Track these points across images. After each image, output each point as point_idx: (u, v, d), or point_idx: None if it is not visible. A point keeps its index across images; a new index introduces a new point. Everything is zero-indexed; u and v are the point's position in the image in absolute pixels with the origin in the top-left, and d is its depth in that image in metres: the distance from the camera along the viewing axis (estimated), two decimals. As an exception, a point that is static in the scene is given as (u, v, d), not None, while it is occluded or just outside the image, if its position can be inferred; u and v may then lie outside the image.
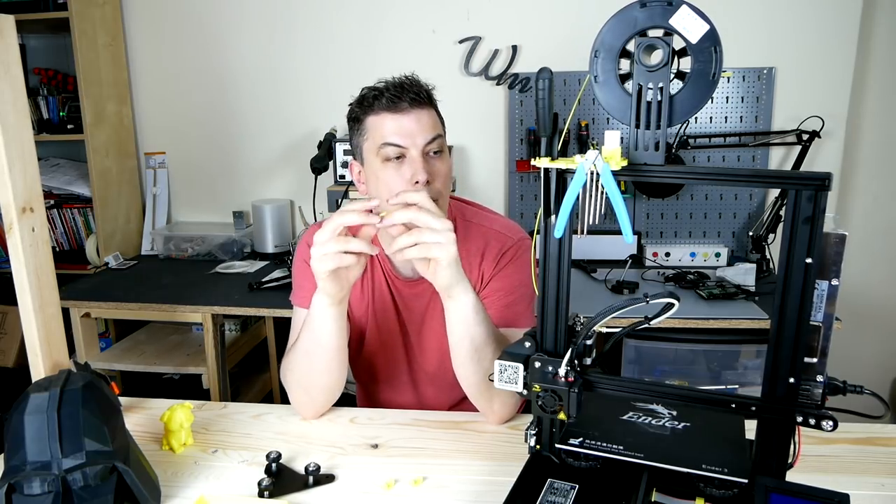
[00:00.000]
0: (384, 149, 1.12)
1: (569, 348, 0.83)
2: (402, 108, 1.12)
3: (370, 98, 1.14)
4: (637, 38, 0.76)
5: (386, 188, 1.13)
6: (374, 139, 1.14)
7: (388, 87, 1.13)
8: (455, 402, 1.31)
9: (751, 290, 2.11)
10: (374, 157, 1.14)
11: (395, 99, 1.12)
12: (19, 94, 1.03)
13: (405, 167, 1.12)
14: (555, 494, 0.84)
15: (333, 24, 2.60)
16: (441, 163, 1.16)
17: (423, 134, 1.13)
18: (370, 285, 1.27)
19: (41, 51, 2.77)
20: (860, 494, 0.92)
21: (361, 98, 1.17)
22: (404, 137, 1.12)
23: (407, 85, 1.14)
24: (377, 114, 1.13)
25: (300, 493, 0.97)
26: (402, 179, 1.12)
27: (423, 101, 1.14)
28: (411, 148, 1.12)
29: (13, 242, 1.04)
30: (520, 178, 2.60)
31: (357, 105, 1.17)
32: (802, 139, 2.32)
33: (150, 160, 2.82)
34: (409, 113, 1.12)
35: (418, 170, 1.11)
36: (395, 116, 1.12)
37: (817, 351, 0.75)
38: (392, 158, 1.13)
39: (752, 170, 1.74)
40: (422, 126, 1.13)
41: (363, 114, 1.16)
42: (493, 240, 1.25)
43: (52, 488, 0.84)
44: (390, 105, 1.12)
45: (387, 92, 1.13)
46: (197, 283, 2.31)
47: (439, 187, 1.15)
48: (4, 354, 2.70)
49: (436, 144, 1.15)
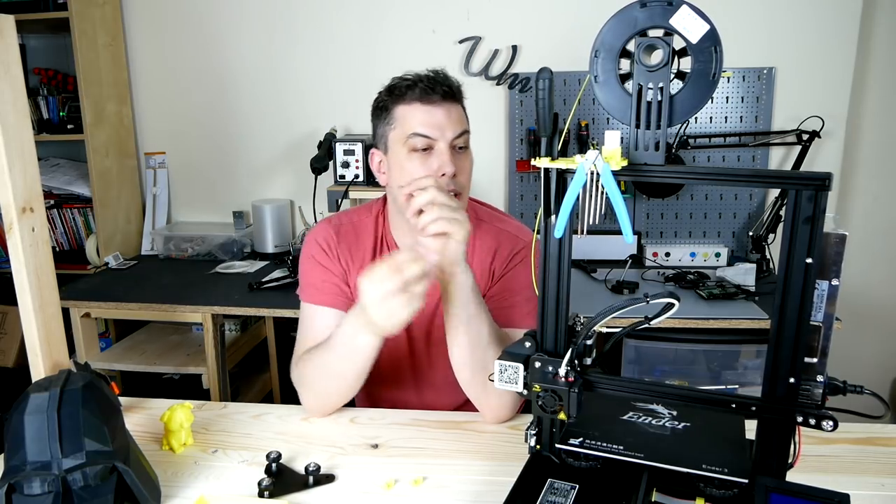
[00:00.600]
0: (413, 139, 1.14)
1: (569, 348, 0.83)
2: (434, 100, 1.14)
3: (402, 87, 1.15)
4: (637, 38, 0.76)
5: (409, 179, 1.14)
6: (402, 128, 1.15)
7: (422, 78, 1.15)
8: (457, 405, 1.31)
9: (751, 290, 2.11)
10: (401, 146, 1.15)
11: (429, 90, 1.13)
12: (19, 94, 1.03)
13: (432, 159, 1.14)
14: (555, 494, 0.84)
15: (333, 24, 2.60)
16: (466, 159, 1.18)
17: (452, 127, 1.14)
18: None
19: (41, 51, 2.77)
20: (860, 494, 0.92)
21: (391, 87, 1.18)
22: (434, 129, 1.13)
23: (440, 78, 1.16)
24: (408, 103, 1.15)
25: (300, 493, 0.97)
26: (427, 171, 1.13)
27: (454, 95, 1.16)
28: (440, 140, 1.13)
29: (13, 242, 1.04)
30: (520, 178, 2.60)
31: (386, 93, 1.18)
32: (802, 139, 2.32)
33: (150, 160, 2.82)
34: (441, 105, 1.14)
35: (445, 162, 1.13)
36: (427, 108, 1.14)
37: (817, 351, 0.75)
38: (419, 149, 1.14)
39: (752, 170, 1.74)
40: (451, 120, 1.14)
41: (392, 103, 1.17)
42: (506, 241, 1.26)
43: (52, 488, 0.84)
44: (423, 96, 1.14)
45: (420, 83, 1.14)
46: (197, 283, 2.31)
47: (463, 182, 1.17)
48: (4, 354, 2.70)
49: (462, 140, 1.17)
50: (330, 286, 1.25)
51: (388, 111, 1.17)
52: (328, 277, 1.25)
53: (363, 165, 2.40)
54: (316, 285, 1.25)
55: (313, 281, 1.26)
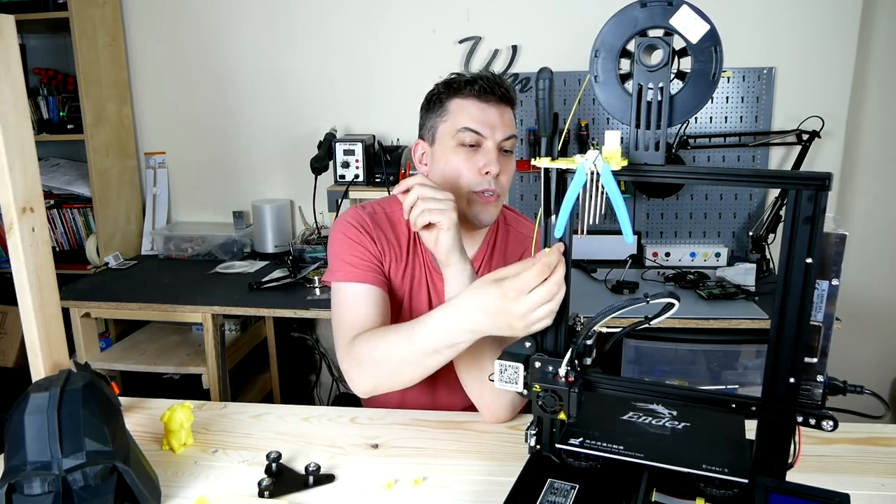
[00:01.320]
0: (462, 133, 1.16)
1: (569, 348, 0.83)
2: (490, 99, 1.17)
3: (461, 82, 1.18)
4: (637, 38, 0.76)
5: (454, 171, 1.17)
6: (454, 121, 1.17)
7: (482, 76, 1.18)
8: (469, 404, 1.30)
9: (751, 290, 2.11)
10: (450, 139, 1.18)
11: (487, 89, 1.16)
12: (19, 94, 1.03)
13: (479, 156, 1.17)
14: (555, 494, 0.84)
15: (333, 24, 2.60)
16: (510, 162, 1.21)
17: (503, 129, 1.17)
18: (409, 275, 1.27)
19: (41, 51, 2.77)
20: (860, 494, 0.92)
21: (449, 81, 1.20)
22: (485, 127, 1.16)
23: (499, 80, 1.19)
24: (465, 98, 1.17)
25: (300, 493, 0.97)
26: (472, 167, 1.16)
27: (509, 98, 1.19)
28: (489, 139, 1.16)
29: (13, 242, 1.04)
30: (520, 178, 2.60)
31: (444, 86, 1.21)
32: (802, 139, 2.32)
33: (150, 160, 2.82)
34: (495, 106, 1.17)
35: (492, 161, 1.16)
36: (482, 105, 1.17)
37: (817, 351, 0.75)
38: (467, 145, 1.16)
39: (752, 170, 1.74)
40: (503, 121, 1.17)
41: (448, 96, 1.19)
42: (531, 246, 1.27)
43: (53, 488, 0.84)
44: (481, 93, 1.16)
45: (480, 80, 1.17)
46: (197, 283, 2.31)
47: (504, 183, 1.20)
48: (4, 354, 2.70)
49: (509, 143, 1.19)
50: (368, 264, 1.21)
51: (442, 103, 1.20)
52: (365, 255, 1.21)
53: (363, 165, 2.40)
54: (353, 263, 1.20)
55: (349, 259, 1.20)
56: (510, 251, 1.31)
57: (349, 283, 1.19)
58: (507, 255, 1.30)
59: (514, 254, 1.30)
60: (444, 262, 1.08)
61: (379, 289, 1.20)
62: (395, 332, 1.05)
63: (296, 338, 2.80)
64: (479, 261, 1.29)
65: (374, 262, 1.22)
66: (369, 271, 1.21)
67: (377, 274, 1.21)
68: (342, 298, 1.19)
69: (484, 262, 1.30)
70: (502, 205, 1.28)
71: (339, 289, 1.20)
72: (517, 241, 1.32)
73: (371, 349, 1.07)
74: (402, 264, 1.26)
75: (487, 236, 1.31)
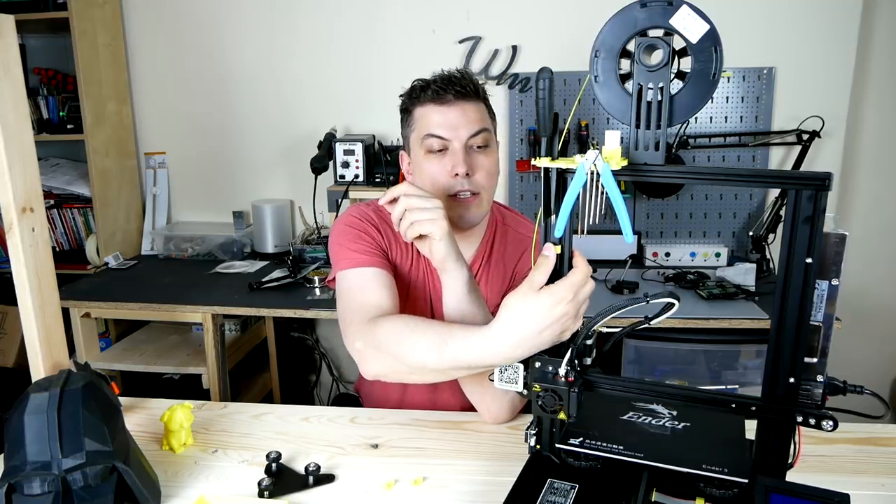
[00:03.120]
0: (427, 140, 1.15)
1: (569, 348, 0.83)
2: (448, 100, 1.14)
3: (417, 90, 1.17)
4: (637, 38, 0.76)
5: (429, 180, 1.16)
6: (419, 130, 1.17)
7: (436, 79, 1.16)
8: (469, 404, 1.29)
9: (751, 290, 2.11)
10: (419, 148, 1.17)
11: (441, 91, 1.14)
12: (19, 94, 1.03)
13: (447, 159, 1.15)
14: (555, 494, 0.84)
15: (333, 24, 2.60)
16: (485, 157, 1.18)
17: (467, 127, 1.15)
18: (414, 270, 1.26)
19: (41, 51, 2.77)
20: (860, 494, 0.92)
21: (411, 89, 1.19)
22: (448, 130, 1.14)
23: (455, 78, 1.16)
24: (423, 105, 1.16)
25: (300, 493, 0.97)
26: (443, 171, 1.15)
27: (469, 93, 1.16)
28: (454, 140, 1.14)
29: (13, 242, 1.04)
30: (520, 178, 2.60)
31: (407, 97, 1.20)
32: (802, 139, 2.31)
33: (150, 160, 2.82)
34: (455, 105, 1.15)
35: (458, 162, 1.14)
36: (441, 108, 1.15)
37: (817, 351, 0.75)
38: (435, 150, 1.15)
39: (752, 170, 1.74)
40: (467, 119, 1.15)
41: (411, 105, 1.19)
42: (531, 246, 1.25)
43: (52, 488, 0.84)
44: (435, 97, 1.15)
45: (433, 84, 1.15)
46: (197, 283, 2.31)
47: (480, 180, 1.17)
48: (4, 354, 2.70)
49: (480, 138, 1.16)
50: (374, 249, 1.18)
51: (409, 113, 1.19)
52: (371, 242, 1.19)
53: (363, 165, 2.40)
54: (358, 250, 1.17)
55: (354, 247, 1.17)
56: (509, 252, 1.30)
57: (356, 269, 1.14)
58: (505, 257, 1.29)
59: (514, 254, 1.29)
60: (441, 269, 1.05)
61: (387, 272, 1.15)
62: (425, 334, 0.95)
63: (296, 338, 2.80)
64: (478, 263, 1.29)
65: (380, 249, 1.20)
66: (376, 256, 1.17)
67: (384, 259, 1.19)
68: (350, 285, 1.13)
69: (483, 264, 1.29)
70: (492, 202, 1.25)
71: (344, 277, 1.15)
72: (516, 241, 1.31)
73: (396, 341, 0.98)
74: (408, 260, 1.26)
75: (485, 237, 1.30)
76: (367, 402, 1.41)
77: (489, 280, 1.28)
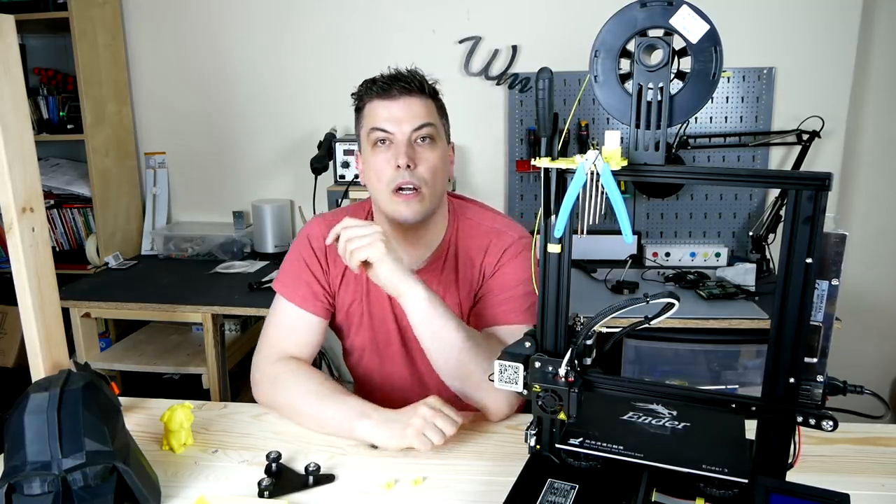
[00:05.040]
0: (372, 133, 1.17)
1: (569, 348, 0.83)
2: (393, 94, 1.17)
3: (365, 85, 1.20)
4: (637, 37, 0.76)
5: (374, 173, 1.18)
6: (366, 125, 1.19)
7: (384, 75, 1.19)
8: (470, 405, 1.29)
9: (751, 290, 2.11)
10: (366, 143, 1.20)
11: (386, 86, 1.17)
12: (19, 94, 1.03)
13: (391, 152, 1.17)
14: (555, 494, 0.84)
15: (333, 24, 2.60)
16: (430, 151, 1.18)
17: (410, 121, 1.16)
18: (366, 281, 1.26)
19: (41, 51, 2.77)
20: (860, 494, 0.92)
21: (360, 86, 1.22)
22: (391, 123, 1.16)
23: (400, 75, 1.19)
24: (370, 100, 1.19)
25: (300, 493, 0.97)
26: (387, 164, 1.16)
27: (413, 89, 1.18)
28: (397, 133, 1.16)
29: (13, 242, 1.04)
30: (520, 178, 2.60)
31: (357, 94, 1.23)
32: (802, 139, 2.32)
33: (150, 160, 2.82)
34: (399, 100, 1.17)
35: (400, 154, 1.15)
36: (386, 103, 1.17)
37: (817, 351, 0.75)
38: (379, 144, 1.17)
39: (752, 170, 1.74)
40: (411, 113, 1.17)
41: (360, 102, 1.21)
42: (495, 238, 1.25)
43: (52, 488, 0.84)
44: (381, 92, 1.17)
45: (380, 80, 1.18)
46: (197, 283, 2.31)
47: (423, 174, 1.17)
48: (4, 354, 2.70)
49: (424, 131, 1.17)
50: (310, 291, 1.26)
51: (359, 111, 1.22)
52: (311, 282, 1.26)
53: (363, 165, 2.40)
54: (294, 287, 1.26)
55: (294, 281, 1.27)
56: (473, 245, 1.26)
57: (283, 300, 1.26)
58: (469, 250, 1.26)
59: (478, 248, 1.25)
60: (394, 294, 1.10)
61: (317, 317, 1.26)
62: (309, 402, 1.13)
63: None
64: (440, 265, 1.26)
65: (322, 290, 1.27)
66: (313, 299, 1.26)
67: (315, 301, 1.26)
68: (280, 314, 1.27)
69: (444, 265, 1.26)
70: (442, 199, 1.24)
71: (279, 301, 1.27)
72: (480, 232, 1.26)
73: (284, 396, 1.17)
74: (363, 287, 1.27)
75: (445, 237, 1.27)
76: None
77: (458, 280, 1.26)
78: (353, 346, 1.34)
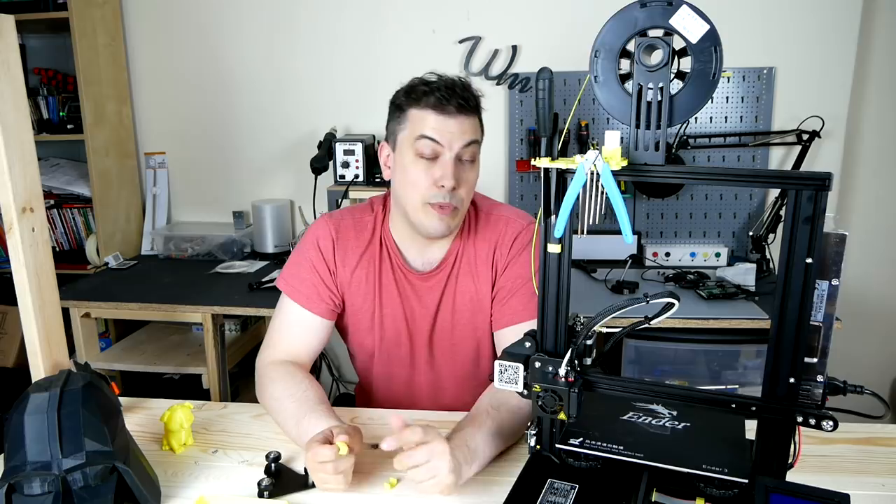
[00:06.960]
0: (420, 141, 1.13)
1: (569, 348, 0.83)
2: (449, 110, 1.13)
3: (419, 91, 1.15)
4: (637, 38, 0.76)
5: (412, 185, 1.15)
6: (412, 131, 1.15)
7: (440, 86, 1.14)
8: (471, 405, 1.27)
9: (751, 290, 2.11)
10: (408, 148, 1.15)
11: (444, 100, 1.13)
12: (19, 94, 1.03)
13: (436, 168, 1.14)
14: (555, 494, 0.84)
15: (333, 24, 2.60)
16: (471, 171, 1.18)
17: (461, 138, 1.14)
18: (377, 282, 1.26)
19: (41, 51, 2.77)
20: (860, 494, 0.92)
21: (410, 88, 1.17)
22: (443, 138, 1.13)
23: (458, 88, 1.15)
24: (422, 108, 1.14)
25: (300, 493, 0.97)
26: (429, 180, 1.14)
27: (469, 108, 1.15)
28: (447, 150, 1.13)
29: (13, 242, 1.04)
30: (520, 178, 2.60)
31: (404, 94, 1.18)
32: (802, 139, 2.31)
33: (150, 160, 2.82)
34: (454, 117, 1.13)
35: (447, 174, 1.13)
36: (440, 117, 1.13)
37: (817, 351, 0.75)
38: (425, 156, 1.14)
39: (752, 170, 1.74)
40: (462, 130, 1.14)
41: (407, 104, 1.16)
42: (504, 227, 1.25)
43: (52, 488, 0.84)
44: (437, 104, 1.13)
45: (437, 91, 1.13)
46: (197, 283, 2.31)
47: (463, 195, 1.16)
48: (4, 354, 2.70)
49: (469, 151, 1.16)
50: (315, 293, 1.25)
51: (403, 111, 1.17)
52: (317, 283, 1.25)
53: (363, 165, 2.40)
54: (300, 287, 1.26)
55: (300, 282, 1.26)
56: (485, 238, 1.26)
57: (296, 304, 1.25)
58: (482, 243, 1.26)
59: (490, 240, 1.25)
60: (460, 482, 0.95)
61: (321, 318, 1.25)
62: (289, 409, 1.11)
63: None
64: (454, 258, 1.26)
65: (328, 292, 1.26)
66: (318, 300, 1.25)
67: (320, 302, 1.25)
68: (285, 313, 1.27)
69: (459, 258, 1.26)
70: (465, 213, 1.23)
71: (284, 300, 1.27)
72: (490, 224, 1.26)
73: (272, 398, 1.16)
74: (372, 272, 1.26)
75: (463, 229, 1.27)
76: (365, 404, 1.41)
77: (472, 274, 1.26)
78: (362, 346, 1.33)
